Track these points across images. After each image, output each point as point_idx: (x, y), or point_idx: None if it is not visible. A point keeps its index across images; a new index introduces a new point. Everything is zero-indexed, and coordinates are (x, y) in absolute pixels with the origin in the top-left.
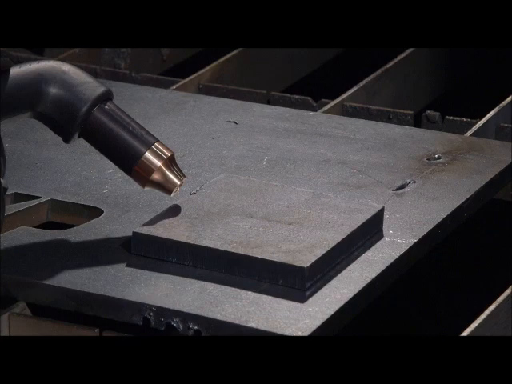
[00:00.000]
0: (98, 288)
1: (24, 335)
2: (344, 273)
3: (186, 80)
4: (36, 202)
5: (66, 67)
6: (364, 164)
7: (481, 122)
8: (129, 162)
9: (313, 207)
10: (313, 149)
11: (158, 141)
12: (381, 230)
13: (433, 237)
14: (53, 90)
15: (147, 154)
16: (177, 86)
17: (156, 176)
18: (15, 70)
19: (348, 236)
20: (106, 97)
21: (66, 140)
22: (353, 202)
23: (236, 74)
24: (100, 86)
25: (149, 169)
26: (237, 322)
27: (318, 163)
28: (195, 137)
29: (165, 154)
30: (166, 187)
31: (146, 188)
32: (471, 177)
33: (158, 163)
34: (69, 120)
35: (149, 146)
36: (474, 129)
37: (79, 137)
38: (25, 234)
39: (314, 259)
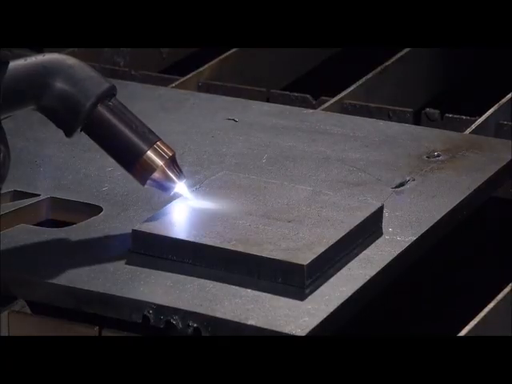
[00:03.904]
0: (98, 286)
1: (23, 333)
2: (343, 271)
3: (186, 78)
4: (35, 199)
5: (72, 61)
6: (363, 162)
7: (480, 120)
8: (130, 159)
9: (312, 205)
10: (312, 146)
11: (160, 139)
12: (380, 228)
13: (432, 234)
14: (58, 84)
15: (149, 153)
16: (176, 83)
17: (157, 175)
18: (20, 63)
19: (347, 234)
20: (111, 93)
21: (68, 134)
22: (352, 200)
23: (235, 71)
24: (105, 81)
25: (150, 167)
26: (236, 319)
27: (317, 161)
28: (194, 134)
29: (166, 154)
30: (165, 186)
31: (146, 186)
32: (470, 174)
33: (160, 162)
34: (72, 114)
35: (151, 145)
36: (473, 126)
37: (81, 131)
38: (24, 232)
39: (313, 257)
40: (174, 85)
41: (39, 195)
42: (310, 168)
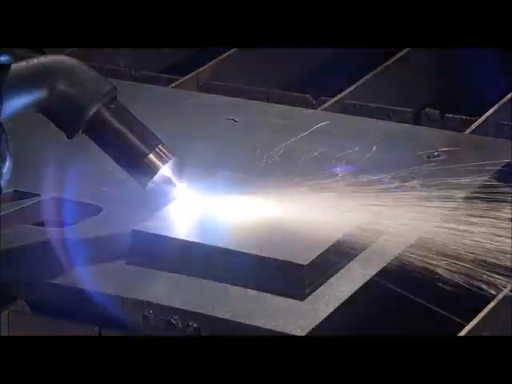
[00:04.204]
0: (98, 286)
1: (23, 333)
2: (343, 271)
3: (186, 78)
4: (35, 199)
5: (74, 63)
6: (363, 162)
7: (480, 120)
8: (131, 162)
9: (312, 205)
10: (312, 146)
11: (161, 142)
12: (380, 227)
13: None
14: (60, 86)
15: (150, 156)
16: (176, 83)
17: (157, 178)
18: (22, 65)
19: (347, 234)
20: (112, 95)
21: (69, 136)
22: (352, 200)
23: (235, 71)
24: (106, 83)
25: (151, 170)
26: (236, 319)
27: (317, 161)
28: (195, 135)
29: (168, 157)
30: (166, 189)
31: (147, 189)
32: (471, 174)
33: (161, 165)
34: (74, 117)
35: (152, 148)
36: (473, 126)
37: (82, 133)
38: (24, 232)
39: (313, 257)
40: (173, 85)
41: (39, 195)
42: (310, 168)
